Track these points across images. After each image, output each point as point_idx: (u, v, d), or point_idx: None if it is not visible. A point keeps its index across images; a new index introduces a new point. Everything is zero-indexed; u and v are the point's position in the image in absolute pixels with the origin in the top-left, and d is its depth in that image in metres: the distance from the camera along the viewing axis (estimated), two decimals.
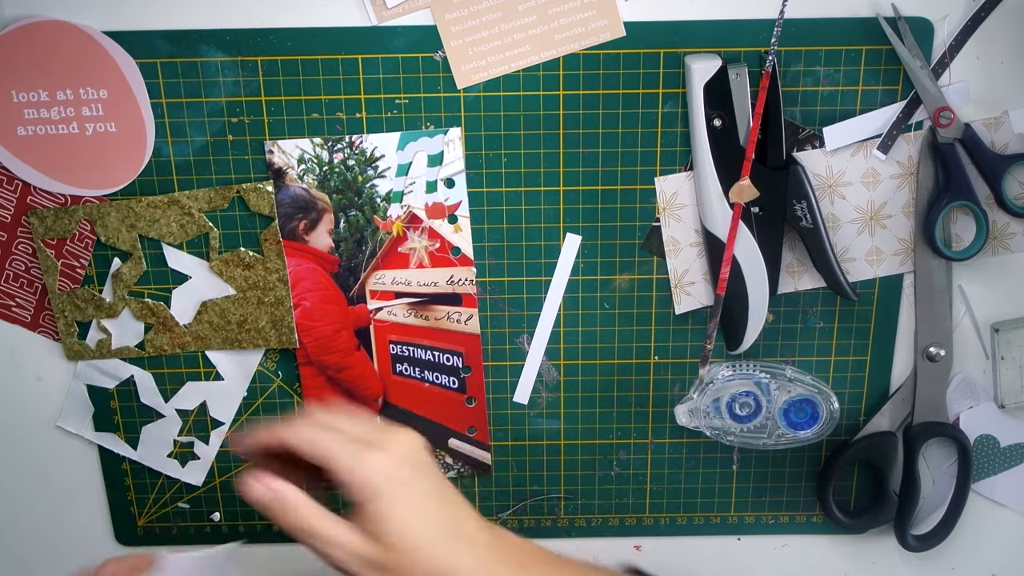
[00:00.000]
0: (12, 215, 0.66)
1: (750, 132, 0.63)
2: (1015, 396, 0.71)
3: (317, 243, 0.67)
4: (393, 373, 0.70)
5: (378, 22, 0.63)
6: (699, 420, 0.71)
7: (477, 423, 0.72)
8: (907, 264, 0.68)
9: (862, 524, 0.74)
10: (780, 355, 0.71)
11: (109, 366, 0.70)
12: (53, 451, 0.73)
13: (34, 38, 0.62)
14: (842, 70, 0.64)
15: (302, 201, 0.66)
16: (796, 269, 0.68)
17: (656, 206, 0.67)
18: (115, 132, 0.64)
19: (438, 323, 0.69)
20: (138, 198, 0.66)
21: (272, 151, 0.65)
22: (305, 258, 0.67)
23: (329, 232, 0.67)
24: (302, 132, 0.65)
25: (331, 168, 0.65)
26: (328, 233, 0.67)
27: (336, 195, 0.66)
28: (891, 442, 0.72)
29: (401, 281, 0.68)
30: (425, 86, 0.64)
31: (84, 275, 0.68)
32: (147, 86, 0.64)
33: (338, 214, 0.67)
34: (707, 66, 0.62)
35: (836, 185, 0.66)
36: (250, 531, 0.75)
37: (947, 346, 0.70)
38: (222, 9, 0.62)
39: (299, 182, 0.66)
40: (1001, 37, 0.63)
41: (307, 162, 0.65)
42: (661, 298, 0.69)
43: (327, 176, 0.66)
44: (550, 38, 0.63)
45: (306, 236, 0.67)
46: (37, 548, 0.76)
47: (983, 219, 0.65)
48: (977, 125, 0.64)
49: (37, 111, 0.63)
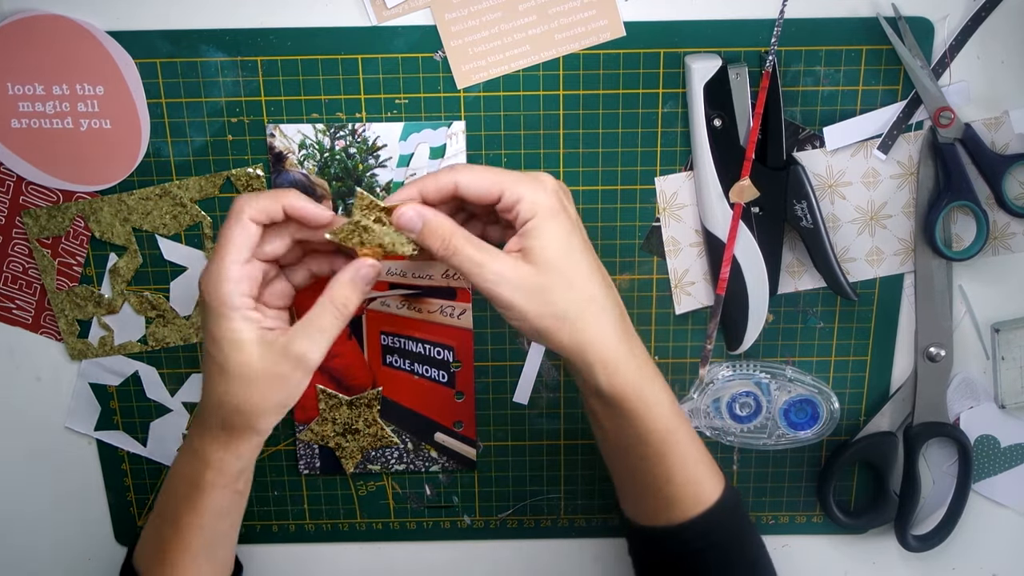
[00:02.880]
0: (6, 216, 0.66)
1: (750, 132, 0.63)
2: (1015, 396, 0.71)
3: None
4: (383, 364, 0.70)
5: (378, 22, 0.63)
6: (699, 420, 0.71)
7: (464, 418, 0.72)
8: (907, 264, 0.68)
9: (862, 524, 0.74)
10: (780, 355, 0.71)
11: (113, 363, 0.70)
12: (53, 451, 0.73)
13: (32, 32, 0.62)
14: (842, 70, 0.64)
15: (301, 186, 0.66)
16: (796, 269, 0.68)
17: (656, 206, 0.67)
18: (110, 129, 0.64)
19: (431, 316, 0.69)
20: (130, 192, 0.66)
21: (273, 135, 0.65)
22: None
23: None
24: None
25: (332, 155, 0.65)
26: None
27: (336, 182, 0.66)
28: (891, 442, 0.72)
29: (396, 272, 0.68)
30: (425, 86, 0.64)
31: (81, 273, 0.68)
32: (147, 86, 0.64)
33: (337, 202, 0.66)
34: (707, 66, 0.62)
35: (836, 185, 0.66)
36: (250, 531, 0.75)
37: (947, 346, 0.70)
38: (222, 9, 0.62)
39: (299, 167, 0.66)
40: (1001, 37, 0.63)
41: (308, 148, 0.65)
42: (661, 298, 0.69)
43: (327, 163, 0.66)
44: (550, 38, 0.63)
45: None
46: (37, 548, 0.76)
47: (983, 219, 0.65)
48: (977, 125, 0.64)
49: (32, 104, 0.63)
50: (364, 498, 0.75)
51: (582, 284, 0.56)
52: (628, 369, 0.57)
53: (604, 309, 0.57)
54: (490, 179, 0.56)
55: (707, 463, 0.61)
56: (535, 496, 0.75)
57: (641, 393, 0.58)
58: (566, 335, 0.56)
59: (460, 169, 0.57)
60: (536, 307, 0.55)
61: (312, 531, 0.76)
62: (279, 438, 0.73)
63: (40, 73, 0.63)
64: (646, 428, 0.58)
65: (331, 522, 0.75)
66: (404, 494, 0.75)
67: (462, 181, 0.56)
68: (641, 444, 0.59)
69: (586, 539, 0.76)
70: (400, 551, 0.77)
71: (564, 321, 0.56)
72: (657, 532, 0.62)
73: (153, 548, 0.62)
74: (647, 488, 0.61)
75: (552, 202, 0.56)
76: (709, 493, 0.61)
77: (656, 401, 0.58)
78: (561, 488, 0.75)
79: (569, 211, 0.57)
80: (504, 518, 0.76)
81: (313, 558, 0.77)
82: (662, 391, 0.59)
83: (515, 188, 0.56)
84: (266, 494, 0.74)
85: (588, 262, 0.57)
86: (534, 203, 0.55)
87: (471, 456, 0.73)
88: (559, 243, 0.56)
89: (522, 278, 0.55)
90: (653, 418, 0.58)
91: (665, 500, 0.60)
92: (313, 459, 0.73)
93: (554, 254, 0.55)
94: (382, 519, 0.75)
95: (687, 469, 0.60)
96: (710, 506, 0.60)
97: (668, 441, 0.59)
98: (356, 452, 0.72)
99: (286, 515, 0.75)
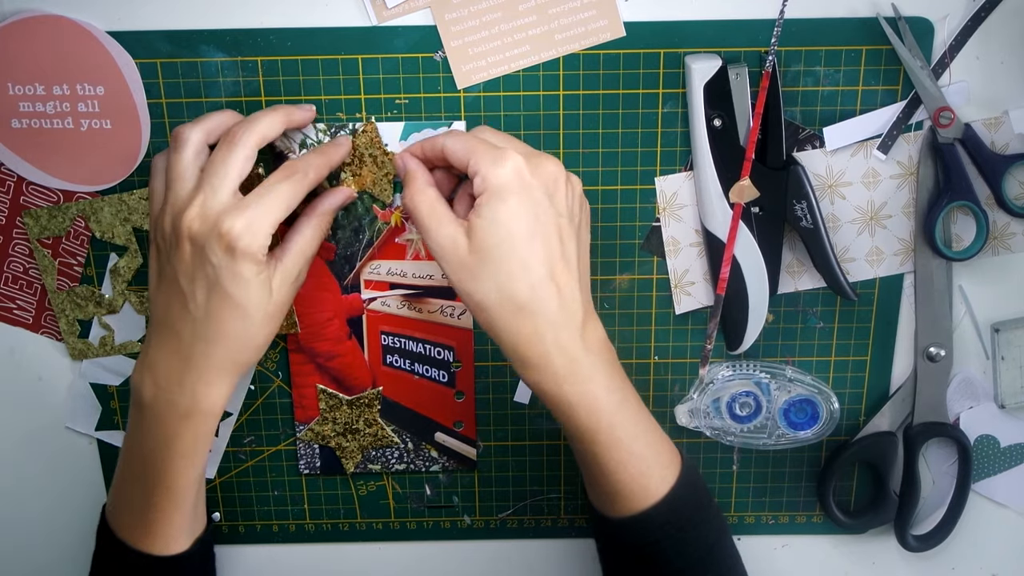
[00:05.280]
0: (6, 216, 0.66)
1: (750, 132, 0.63)
2: (1015, 396, 0.71)
3: None
4: (383, 364, 0.70)
5: (378, 22, 0.63)
6: (699, 420, 0.71)
7: (465, 418, 0.72)
8: (907, 264, 0.68)
9: (862, 524, 0.74)
10: (780, 355, 0.71)
11: (113, 363, 0.70)
12: (54, 451, 0.73)
13: (33, 32, 0.62)
14: (842, 70, 0.64)
15: None
16: (796, 269, 0.68)
17: (656, 206, 0.67)
18: (110, 129, 0.64)
19: (431, 316, 0.69)
20: (130, 192, 0.66)
21: None
22: None
23: None
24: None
25: None
26: None
27: (336, 182, 0.66)
28: (891, 442, 0.72)
29: (396, 272, 0.68)
30: (425, 86, 0.64)
31: (82, 273, 0.68)
32: (147, 86, 0.64)
33: None
34: (707, 66, 0.62)
35: (836, 185, 0.66)
36: (250, 531, 0.75)
37: (947, 346, 0.70)
38: (222, 9, 0.62)
39: None
40: (1001, 37, 0.63)
41: (309, 147, 0.65)
42: (661, 298, 0.69)
43: None
44: (550, 38, 0.63)
45: None
46: (37, 548, 0.76)
47: (983, 219, 0.65)
48: (977, 125, 0.64)
49: (32, 104, 0.63)
50: (364, 498, 0.75)
51: (512, 275, 0.55)
52: (544, 368, 0.56)
53: (523, 309, 0.55)
54: (464, 148, 0.56)
55: (654, 456, 0.60)
56: (535, 496, 0.75)
57: (559, 392, 0.57)
58: (483, 321, 0.57)
59: (451, 135, 0.59)
60: (463, 285, 0.56)
61: (312, 531, 0.76)
62: (279, 438, 0.73)
63: (40, 73, 0.63)
64: (573, 425, 0.58)
65: (331, 522, 0.75)
66: (404, 494, 0.75)
67: (447, 146, 0.58)
68: (574, 440, 0.59)
69: (586, 539, 0.76)
70: (400, 551, 0.77)
71: (482, 311, 0.56)
72: (611, 522, 0.61)
73: (141, 517, 0.61)
74: (592, 479, 0.61)
75: (505, 181, 0.54)
76: (657, 485, 0.59)
77: (579, 403, 0.57)
78: (561, 488, 0.75)
79: (532, 195, 0.55)
80: (504, 518, 0.76)
81: (313, 558, 0.77)
82: (593, 391, 0.57)
83: (477, 161, 0.55)
84: (266, 494, 0.74)
85: (531, 259, 0.55)
86: (485, 179, 0.55)
87: (471, 456, 0.73)
88: (498, 226, 0.54)
89: (455, 253, 0.55)
90: (577, 417, 0.57)
91: (610, 494, 0.60)
92: (313, 459, 0.73)
93: (490, 237, 0.54)
94: (382, 519, 0.75)
95: (629, 466, 0.59)
96: (659, 500, 0.59)
97: (599, 441, 0.58)
98: (356, 452, 0.72)
99: (286, 515, 0.75)
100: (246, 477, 0.74)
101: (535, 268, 0.55)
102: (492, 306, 0.55)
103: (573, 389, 0.57)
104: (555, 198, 0.56)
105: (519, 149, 0.58)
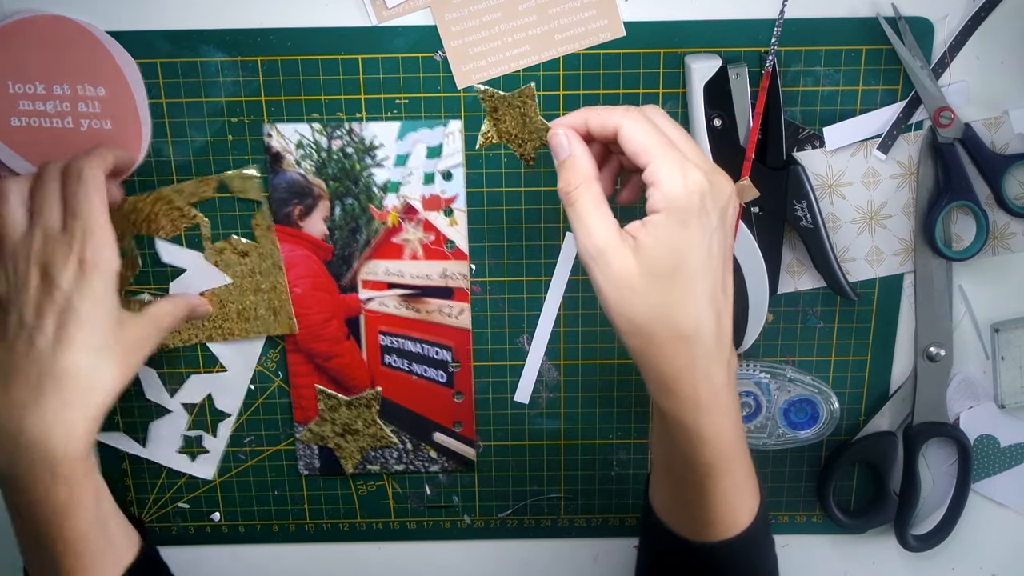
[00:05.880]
0: None
1: (750, 132, 0.63)
2: (1015, 396, 0.71)
3: (312, 229, 0.67)
4: (381, 364, 0.70)
5: (378, 22, 0.63)
6: None
7: (463, 418, 0.72)
8: (907, 264, 0.68)
9: (862, 524, 0.74)
10: (780, 355, 0.71)
11: None
12: None
13: (33, 32, 0.62)
14: (842, 70, 0.64)
15: (298, 187, 0.66)
16: (796, 269, 0.68)
17: None
18: (110, 130, 0.64)
19: (429, 316, 0.69)
20: (124, 199, 0.66)
21: (271, 135, 0.65)
22: (299, 244, 0.67)
23: (324, 219, 0.67)
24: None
25: (329, 155, 0.65)
26: (323, 220, 0.67)
27: (333, 182, 0.66)
28: (891, 442, 0.72)
29: (394, 272, 0.68)
30: (425, 86, 0.64)
31: None
32: (147, 86, 0.64)
33: (334, 201, 0.66)
34: (707, 66, 0.62)
35: (836, 185, 0.66)
36: (250, 531, 0.75)
37: (947, 346, 0.70)
38: (222, 9, 0.62)
39: (296, 167, 0.66)
40: (1001, 37, 0.63)
41: (305, 147, 0.65)
42: None
43: (325, 163, 0.66)
44: (550, 38, 0.63)
45: (301, 222, 0.67)
46: None
47: (983, 219, 0.65)
48: (977, 125, 0.64)
49: (32, 104, 0.63)
50: (364, 498, 0.75)
51: (680, 303, 0.51)
52: (687, 398, 0.53)
53: (683, 338, 0.51)
54: (644, 143, 0.51)
55: (751, 489, 0.58)
56: (535, 496, 0.75)
57: (697, 423, 0.53)
58: (633, 346, 0.53)
59: (631, 117, 0.52)
60: (622, 306, 0.51)
61: (312, 531, 0.76)
62: (279, 438, 0.73)
63: (41, 73, 0.63)
64: (694, 458, 0.55)
65: (331, 522, 0.75)
66: (404, 494, 0.75)
67: (624, 132, 0.52)
68: (686, 468, 0.56)
69: (586, 539, 0.76)
70: (400, 551, 0.77)
71: (637, 336, 0.52)
72: (683, 542, 0.59)
73: None
74: (684, 505, 0.58)
75: (687, 205, 0.50)
76: (744, 518, 0.57)
77: (711, 437, 0.54)
78: (561, 488, 0.75)
79: (710, 221, 0.51)
80: (504, 518, 0.76)
81: (313, 558, 0.77)
82: (725, 425, 0.54)
83: (657, 169, 0.50)
84: (266, 494, 0.74)
85: (699, 288, 0.51)
86: (666, 196, 0.50)
87: (471, 456, 0.73)
88: (674, 253, 0.50)
89: (620, 270, 0.51)
90: (705, 452, 0.54)
91: (701, 521, 0.58)
92: (312, 459, 0.73)
93: (663, 260, 0.50)
94: (382, 519, 0.75)
95: (728, 499, 0.56)
96: (741, 531, 0.57)
97: (712, 475, 0.55)
98: (355, 452, 0.72)
99: (286, 515, 0.75)
100: (246, 477, 0.74)
101: (701, 297, 0.51)
102: (652, 332, 0.52)
103: (710, 420, 0.53)
104: (725, 222, 0.52)
105: (698, 160, 0.52)
